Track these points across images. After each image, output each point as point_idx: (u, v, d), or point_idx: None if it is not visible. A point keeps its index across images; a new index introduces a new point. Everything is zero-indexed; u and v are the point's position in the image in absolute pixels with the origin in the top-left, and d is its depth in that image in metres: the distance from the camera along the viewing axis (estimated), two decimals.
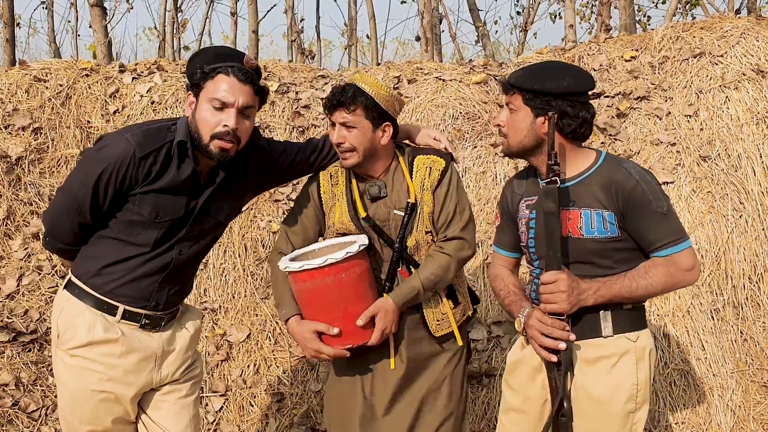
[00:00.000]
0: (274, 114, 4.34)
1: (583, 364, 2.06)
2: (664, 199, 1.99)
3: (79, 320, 2.14)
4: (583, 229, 2.02)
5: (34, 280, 3.61)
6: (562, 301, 1.96)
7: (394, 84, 4.51)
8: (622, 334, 2.05)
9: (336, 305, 2.24)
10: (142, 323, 2.20)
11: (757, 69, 4.10)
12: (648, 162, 3.96)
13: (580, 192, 2.05)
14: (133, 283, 2.16)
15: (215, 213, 2.27)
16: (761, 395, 3.46)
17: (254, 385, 3.61)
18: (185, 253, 2.23)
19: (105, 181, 2.06)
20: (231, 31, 6.23)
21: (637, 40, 4.62)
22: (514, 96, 2.09)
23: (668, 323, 3.61)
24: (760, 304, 3.67)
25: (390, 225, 2.39)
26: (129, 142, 2.06)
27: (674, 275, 1.98)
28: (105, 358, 2.15)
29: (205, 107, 2.09)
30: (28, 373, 3.33)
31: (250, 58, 2.18)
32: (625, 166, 2.03)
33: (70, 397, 2.18)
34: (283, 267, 2.26)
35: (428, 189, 2.37)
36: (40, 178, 3.91)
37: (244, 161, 2.29)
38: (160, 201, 2.12)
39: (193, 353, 2.38)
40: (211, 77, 2.10)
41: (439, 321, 2.41)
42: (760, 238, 3.75)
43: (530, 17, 6.27)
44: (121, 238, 2.15)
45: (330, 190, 2.46)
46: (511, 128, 2.11)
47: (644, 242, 2.01)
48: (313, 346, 2.27)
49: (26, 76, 4.15)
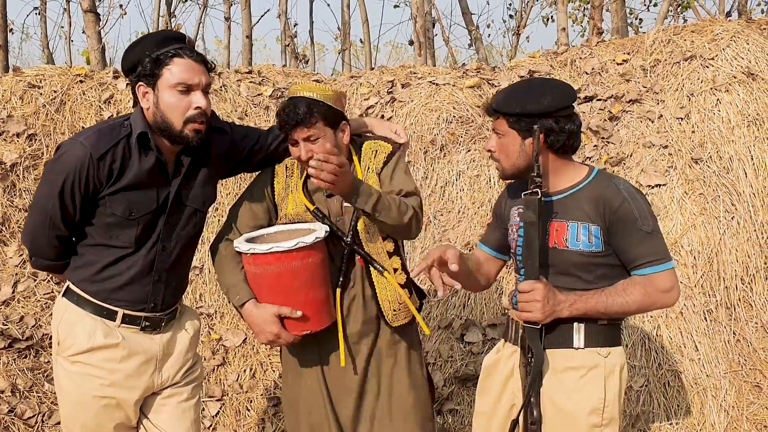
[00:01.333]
0: (268, 119, 4.34)
1: (552, 374, 2.07)
2: (651, 219, 2.00)
3: (79, 327, 2.14)
4: (568, 240, 2.03)
5: (29, 286, 3.62)
6: (537, 311, 1.97)
7: (388, 88, 4.53)
8: (594, 348, 2.05)
9: (299, 290, 2.23)
10: (142, 326, 2.20)
11: (748, 72, 4.13)
12: (640, 164, 3.99)
13: (569, 205, 2.06)
14: (128, 286, 2.17)
15: (190, 201, 2.25)
16: (754, 395, 3.48)
17: (250, 390, 3.62)
18: (170, 248, 2.23)
19: (69, 189, 2.05)
20: (225, 35, 6.23)
21: (628, 43, 4.66)
22: (499, 120, 2.09)
23: (661, 324, 3.64)
24: (753, 305, 3.70)
25: (344, 218, 2.38)
26: (83, 145, 2.04)
27: (651, 295, 1.99)
28: (106, 364, 2.15)
29: (169, 93, 2.07)
30: (24, 380, 3.33)
31: (191, 38, 2.18)
32: (615, 182, 2.05)
33: (72, 404, 2.18)
34: (246, 249, 2.21)
35: (373, 171, 2.38)
36: (35, 184, 3.90)
37: (206, 145, 2.26)
38: (131, 197, 2.11)
39: (193, 355, 2.38)
40: (165, 63, 2.07)
41: (396, 311, 2.40)
42: (752, 239, 3.78)
43: (523, 21, 6.30)
44: (102, 243, 2.15)
45: (284, 181, 2.46)
46: (502, 152, 2.11)
47: (626, 259, 2.02)
48: (274, 330, 2.23)
49: (20, 82, 4.15)
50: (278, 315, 2.24)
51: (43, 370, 3.42)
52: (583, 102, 4.32)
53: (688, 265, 3.73)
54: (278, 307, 2.23)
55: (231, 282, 2.34)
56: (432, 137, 4.25)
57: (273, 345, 2.34)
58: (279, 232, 2.39)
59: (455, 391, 3.59)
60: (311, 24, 6.25)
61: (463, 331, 3.76)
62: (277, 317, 2.24)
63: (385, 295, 2.39)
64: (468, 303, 3.86)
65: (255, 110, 4.36)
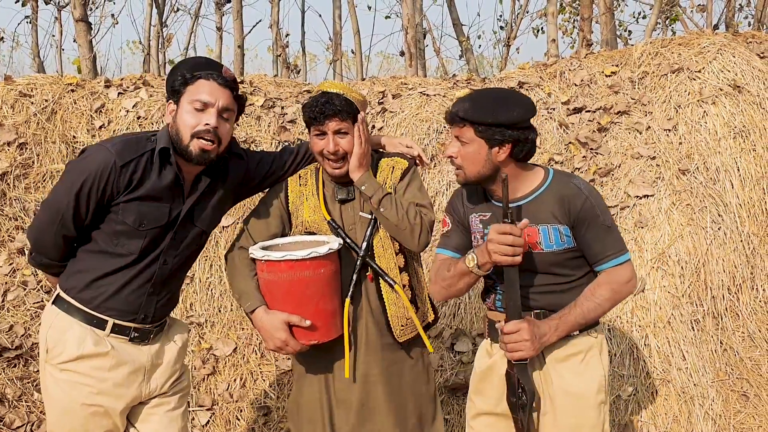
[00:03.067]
0: (260, 129, 4.36)
1: (555, 363, 2.19)
2: (608, 214, 2.15)
3: (69, 335, 2.16)
4: (542, 243, 2.13)
5: (19, 295, 3.61)
6: (527, 349, 2.06)
7: (379, 99, 4.56)
8: (586, 332, 2.20)
9: (310, 299, 2.26)
10: (131, 336, 2.22)
11: (734, 84, 4.19)
12: (629, 175, 4.03)
13: (535, 209, 2.15)
14: (121, 296, 2.19)
15: (199, 222, 2.31)
16: (741, 404, 3.51)
17: (241, 399, 3.62)
18: (170, 263, 2.26)
19: (87, 190, 2.09)
20: (216, 45, 6.25)
21: (617, 55, 4.71)
22: (465, 128, 2.12)
23: (649, 334, 3.67)
24: (739, 315, 3.73)
25: (356, 228, 2.43)
26: (109, 151, 2.10)
27: (616, 290, 2.13)
28: (95, 372, 2.16)
29: (186, 109, 2.16)
30: (13, 389, 3.32)
31: (228, 69, 2.25)
32: (574, 182, 2.16)
33: (60, 411, 2.19)
34: (260, 255, 2.26)
35: (389, 187, 2.43)
36: (26, 193, 3.91)
37: (225, 169, 2.34)
38: (143, 209, 2.16)
39: (180, 366, 2.40)
40: (191, 82, 2.18)
41: (404, 326, 2.43)
42: (738, 249, 3.82)
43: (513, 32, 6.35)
44: (106, 250, 2.18)
45: (298, 189, 2.50)
46: (466, 160, 2.15)
47: (589, 253, 2.16)
48: (282, 337, 2.26)
49: (12, 91, 4.15)
50: (287, 323, 2.27)
51: (32, 379, 3.40)
52: (572, 113, 4.36)
53: (675, 275, 3.76)
54: (288, 315, 2.26)
55: (243, 289, 2.38)
56: (423, 147, 4.28)
57: (280, 352, 2.36)
58: (294, 242, 2.42)
59: (445, 401, 3.60)
60: (303, 34, 6.27)
61: (453, 340, 3.77)
62: (287, 325, 2.27)
63: (394, 309, 2.42)
64: (458, 312, 3.88)
65: (246, 120, 4.38)
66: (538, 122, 4.33)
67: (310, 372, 2.47)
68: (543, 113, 4.40)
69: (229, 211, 4.04)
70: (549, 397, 2.19)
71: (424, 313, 2.53)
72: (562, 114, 4.36)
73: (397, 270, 2.43)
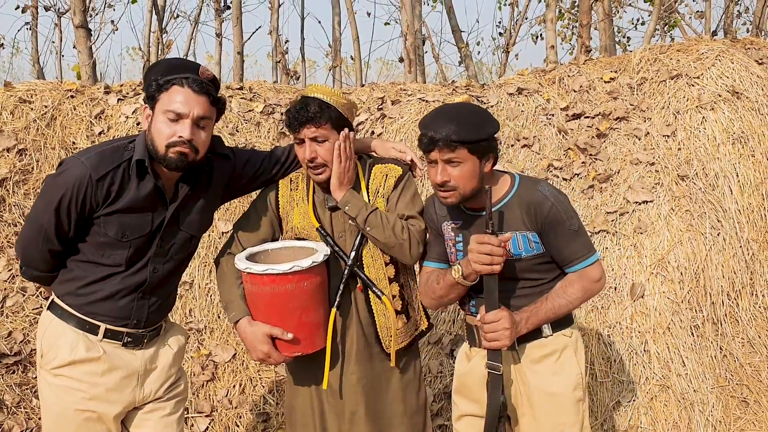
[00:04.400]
0: (259, 135, 4.37)
1: (531, 364, 2.24)
2: (575, 217, 2.20)
3: (62, 340, 2.16)
4: (511, 250, 2.18)
5: (18, 301, 3.60)
6: (506, 338, 2.09)
7: (378, 105, 4.56)
8: (560, 332, 2.26)
9: (292, 312, 2.24)
10: (124, 341, 2.22)
11: (732, 90, 4.19)
12: (628, 181, 4.04)
13: (504, 216, 2.20)
14: (111, 302, 2.18)
15: (186, 227, 2.28)
16: (741, 410, 3.51)
17: (240, 405, 3.61)
18: (160, 270, 2.24)
19: (66, 206, 2.07)
20: (216, 52, 6.27)
21: (616, 61, 4.72)
22: (459, 150, 2.10)
23: (649, 340, 3.66)
24: (739, 321, 3.73)
25: (346, 236, 2.38)
26: (84, 165, 2.06)
27: (587, 288, 2.21)
28: (88, 377, 2.16)
29: (161, 119, 2.10)
30: (12, 396, 3.31)
31: (206, 68, 2.18)
32: (540, 188, 2.19)
33: (54, 417, 2.18)
34: (242, 267, 2.23)
35: (382, 196, 2.37)
36: (25, 199, 3.91)
37: (209, 172, 2.30)
38: (125, 220, 2.13)
39: (176, 371, 2.39)
40: (165, 89, 2.11)
41: (392, 337, 2.40)
42: (738, 255, 3.82)
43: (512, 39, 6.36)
44: (93, 260, 2.17)
45: (288, 194, 2.46)
46: (463, 179, 2.14)
47: (559, 257, 2.21)
48: (264, 349, 2.25)
49: (11, 97, 4.15)
50: (270, 335, 2.25)
51: (31, 385, 3.39)
52: (571, 119, 4.37)
53: (674, 280, 3.76)
54: (270, 328, 2.24)
55: (228, 298, 2.36)
56: (421, 153, 4.28)
57: (264, 363, 2.35)
58: (284, 248, 2.39)
59: (444, 407, 3.59)
60: (302, 41, 6.28)
61: (452, 347, 3.77)
62: (269, 337, 2.25)
63: (383, 320, 2.39)
64: (457, 319, 3.87)
65: (246, 126, 4.38)
66: (537, 128, 4.34)
67: (302, 378, 2.46)
68: (542, 119, 4.40)
69: (226, 216, 4.05)
70: (527, 399, 2.24)
71: (416, 321, 2.50)
72: (561, 120, 4.37)
73: (387, 281, 2.39)
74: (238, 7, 5.67)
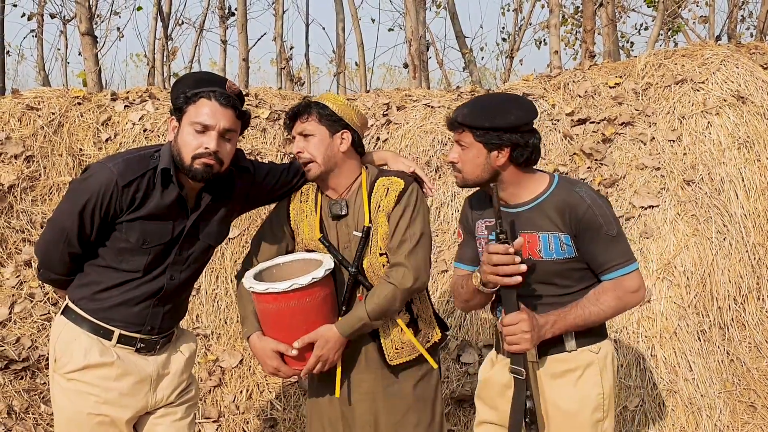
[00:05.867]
0: (265, 141, 4.38)
1: (550, 379, 2.14)
2: (614, 223, 2.08)
3: (76, 345, 2.17)
4: (542, 251, 2.09)
5: (26, 307, 3.61)
6: (526, 341, 2.01)
7: (383, 110, 4.58)
8: (585, 347, 2.13)
9: (298, 327, 2.26)
10: (137, 347, 2.23)
11: (737, 95, 4.20)
12: (633, 186, 4.04)
13: (536, 216, 2.12)
14: (126, 308, 2.20)
15: (205, 237, 2.31)
16: (749, 415, 3.50)
17: (247, 411, 3.62)
18: (177, 278, 2.27)
19: (90, 210, 2.10)
20: (220, 58, 6.28)
21: (620, 67, 4.73)
22: (464, 133, 2.12)
23: (656, 345, 3.66)
24: (746, 325, 3.73)
25: (351, 246, 2.38)
26: (111, 171, 2.10)
27: (622, 298, 2.07)
28: (101, 382, 2.17)
29: (187, 130, 2.14)
30: (21, 401, 3.32)
31: (233, 83, 2.23)
32: (577, 190, 2.10)
33: (66, 421, 2.20)
34: (247, 286, 2.27)
35: (383, 210, 2.35)
36: (32, 205, 3.93)
37: (231, 184, 2.33)
38: (146, 227, 2.16)
39: (188, 377, 2.40)
40: (193, 101, 2.15)
41: (398, 350, 2.38)
42: (744, 260, 3.83)
43: (516, 44, 6.38)
44: (111, 265, 2.19)
45: (299, 206, 2.48)
46: (466, 163, 2.13)
47: (594, 264, 2.09)
48: (273, 364, 2.30)
49: (19, 104, 4.17)
50: (277, 351, 2.29)
51: (39, 391, 3.40)
52: (577, 124, 4.38)
53: (681, 285, 3.77)
54: (277, 343, 2.29)
55: (243, 314, 2.42)
56: (427, 159, 4.30)
57: (277, 377, 2.38)
58: (295, 261, 2.42)
59: (452, 412, 3.60)
60: (307, 47, 6.30)
61: (459, 351, 3.77)
62: (276, 352, 2.29)
63: (387, 332, 2.37)
64: (464, 324, 3.88)
65: (252, 132, 4.40)
66: (542, 133, 4.35)
67: (318, 388, 2.48)
68: (547, 124, 4.42)
69: (234, 223, 4.06)
70: (544, 413, 2.14)
71: (427, 334, 2.45)
72: (566, 125, 4.38)
73: None
74: (244, 14, 5.70)
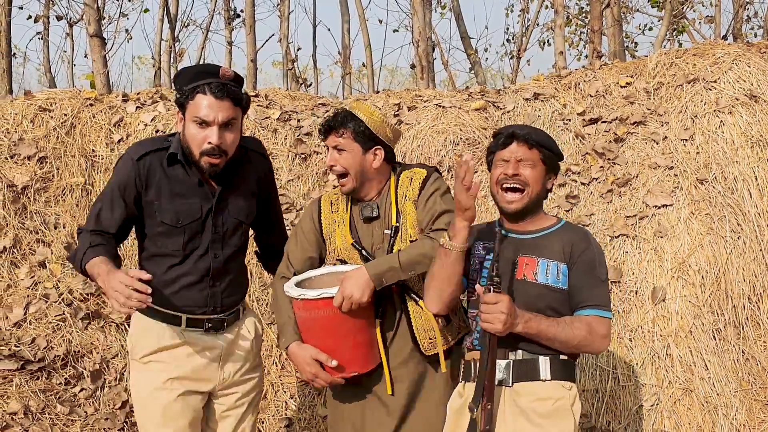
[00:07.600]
0: (276, 141, 4.38)
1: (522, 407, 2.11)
2: (605, 270, 2.20)
3: (149, 333, 2.39)
4: (538, 275, 2.16)
5: (41, 308, 3.60)
6: (499, 322, 2.00)
7: (395, 111, 4.58)
8: (559, 381, 2.14)
9: (346, 335, 2.30)
10: (206, 328, 2.40)
11: (750, 94, 4.21)
12: (647, 185, 4.04)
13: (540, 244, 2.21)
14: (186, 292, 2.36)
15: (235, 213, 2.43)
16: (765, 413, 3.51)
17: (262, 411, 3.61)
18: (220, 256, 2.40)
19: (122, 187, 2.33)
20: (226, 60, 6.29)
21: (631, 66, 4.74)
22: (533, 151, 2.20)
23: (671, 343, 3.66)
24: (761, 324, 3.73)
25: (384, 246, 2.42)
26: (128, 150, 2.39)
27: (591, 336, 2.10)
28: (173, 360, 2.37)
29: (190, 125, 2.29)
30: (37, 402, 3.32)
31: (226, 69, 2.33)
32: (586, 231, 2.28)
33: (143, 402, 2.39)
34: (296, 294, 2.32)
35: (410, 199, 2.42)
36: (46, 206, 3.92)
37: (246, 161, 2.48)
38: (177, 207, 2.34)
39: (254, 357, 2.55)
40: (191, 97, 2.28)
41: (432, 339, 2.40)
42: (758, 258, 3.83)
43: (523, 45, 6.39)
44: (155, 253, 2.36)
45: (330, 216, 2.52)
46: (535, 181, 2.21)
47: (576, 296, 2.15)
48: (312, 371, 2.33)
49: (31, 105, 4.17)
50: (316, 359, 2.32)
51: (55, 392, 3.40)
52: (588, 124, 4.38)
53: (696, 284, 3.77)
54: (318, 352, 2.31)
55: (280, 322, 2.47)
56: (439, 159, 4.29)
57: (313, 384, 2.40)
58: (326, 274, 2.46)
59: None
60: (314, 48, 6.31)
61: None
62: (316, 360, 2.32)
63: (420, 323, 2.39)
64: None
65: (263, 133, 4.39)
66: (554, 133, 4.35)
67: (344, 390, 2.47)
68: (559, 124, 4.42)
69: None
70: None
71: (458, 325, 2.47)
72: (578, 125, 4.38)
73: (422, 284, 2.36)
74: (251, 16, 5.71)
